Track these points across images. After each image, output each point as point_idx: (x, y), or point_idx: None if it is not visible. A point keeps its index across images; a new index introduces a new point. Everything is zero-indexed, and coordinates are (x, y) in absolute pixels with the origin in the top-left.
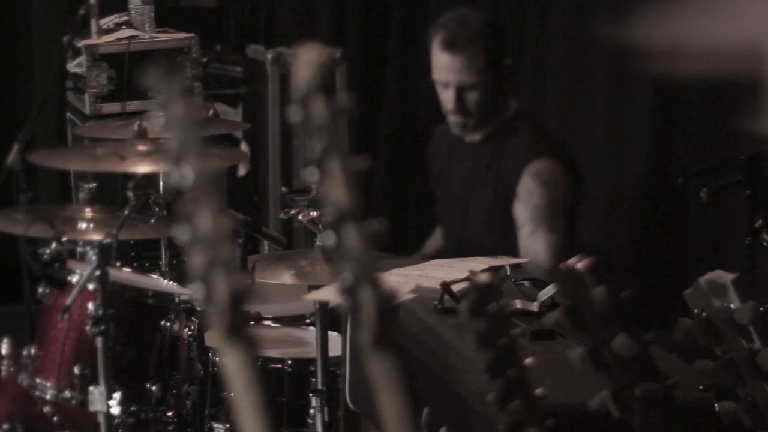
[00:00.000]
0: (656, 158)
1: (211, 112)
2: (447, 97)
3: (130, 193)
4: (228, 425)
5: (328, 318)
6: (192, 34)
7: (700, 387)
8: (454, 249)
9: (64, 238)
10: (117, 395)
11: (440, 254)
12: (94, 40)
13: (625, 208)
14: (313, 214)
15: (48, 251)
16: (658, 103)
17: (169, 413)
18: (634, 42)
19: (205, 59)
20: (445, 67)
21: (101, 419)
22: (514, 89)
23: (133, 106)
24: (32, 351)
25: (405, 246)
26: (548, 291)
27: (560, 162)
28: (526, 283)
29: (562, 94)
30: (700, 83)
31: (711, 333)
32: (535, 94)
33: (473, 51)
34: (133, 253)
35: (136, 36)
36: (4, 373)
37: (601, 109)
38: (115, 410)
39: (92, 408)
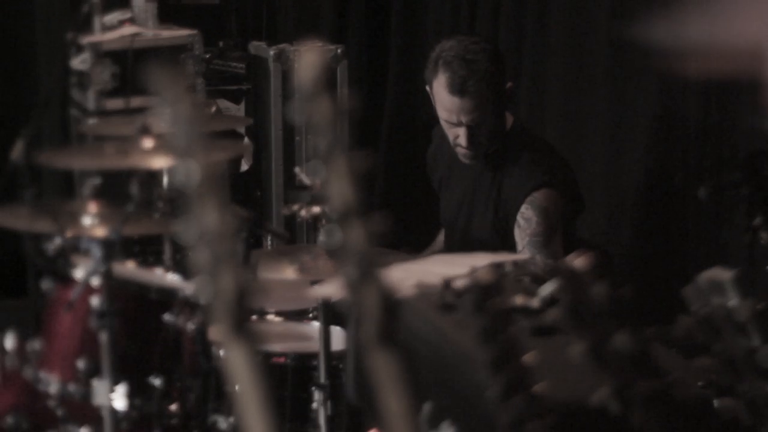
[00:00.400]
0: (657, 156)
1: (213, 108)
2: (457, 133)
3: (134, 189)
4: (231, 419)
5: (331, 313)
6: (195, 31)
7: (700, 384)
8: None
9: (69, 233)
10: (120, 389)
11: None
12: (97, 37)
13: (626, 206)
14: (316, 209)
15: (52, 246)
16: (660, 102)
17: (173, 407)
18: (636, 41)
19: (207, 56)
20: (456, 109)
21: (105, 413)
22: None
23: (136, 102)
24: (36, 345)
25: (406, 242)
26: (549, 287)
27: (558, 189)
28: (527, 279)
29: (563, 91)
30: (702, 82)
31: (710, 330)
32: (536, 92)
33: (483, 91)
34: (137, 248)
35: (140, 33)
36: (8, 367)
37: (603, 107)
38: (119, 404)
39: (96, 401)
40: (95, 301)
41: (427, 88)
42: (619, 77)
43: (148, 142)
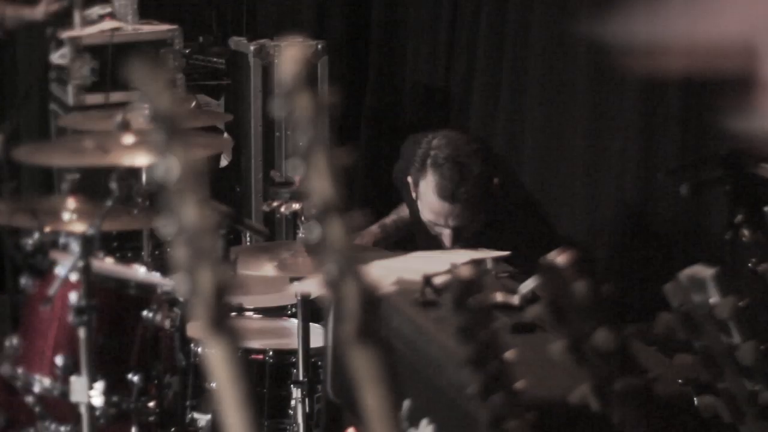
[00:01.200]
0: (638, 154)
1: (193, 103)
2: (440, 231)
3: (113, 184)
4: (209, 416)
5: (310, 309)
6: (175, 26)
7: (680, 381)
8: None
9: (47, 229)
10: (99, 386)
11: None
12: (77, 32)
13: (607, 202)
14: (296, 206)
15: (31, 242)
16: (641, 100)
17: (151, 404)
18: (616, 39)
19: (187, 51)
20: (444, 213)
21: (83, 409)
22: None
23: (116, 97)
24: (14, 341)
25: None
26: (529, 284)
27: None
28: (507, 276)
29: (544, 89)
30: (683, 80)
31: (691, 327)
32: (516, 89)
33: (473, 196)
34: (115, 244)
35: (120, 27)
36: None
37: (583, 105)
38: (97, 400)
39: (74, 398)
40: (73, 297)
41: (409, 179)
42: (599, 75)
43: (127, 138)
